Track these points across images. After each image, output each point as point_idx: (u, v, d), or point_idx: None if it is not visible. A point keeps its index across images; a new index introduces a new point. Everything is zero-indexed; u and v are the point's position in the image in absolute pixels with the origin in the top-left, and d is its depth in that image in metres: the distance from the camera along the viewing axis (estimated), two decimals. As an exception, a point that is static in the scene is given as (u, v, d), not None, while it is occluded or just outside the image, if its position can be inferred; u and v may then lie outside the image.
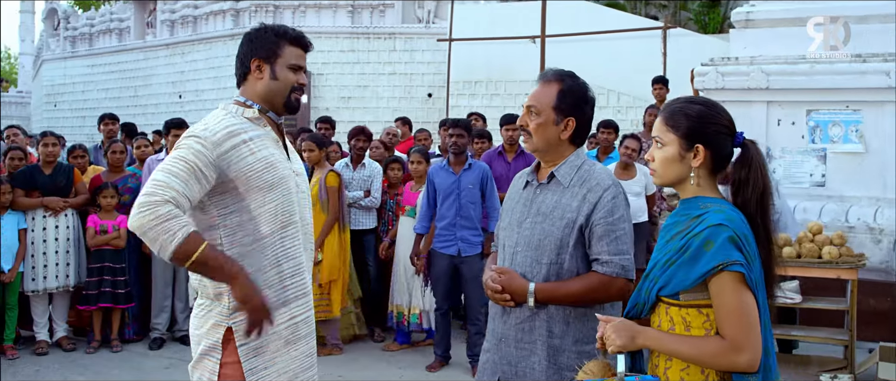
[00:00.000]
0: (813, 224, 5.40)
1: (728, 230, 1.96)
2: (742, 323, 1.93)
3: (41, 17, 25.25)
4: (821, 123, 7.17)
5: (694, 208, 2.09)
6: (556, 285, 2.45)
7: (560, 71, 2.59)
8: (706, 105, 2.13)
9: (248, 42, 2.54)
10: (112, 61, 19.91)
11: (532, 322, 2.50)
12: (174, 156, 2.31)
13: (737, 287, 1.94)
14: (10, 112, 27.77)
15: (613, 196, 2.46)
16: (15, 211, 6.11)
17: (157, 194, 2.21)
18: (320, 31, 15.99)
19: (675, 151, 2.12)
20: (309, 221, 2.60)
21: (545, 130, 2.52)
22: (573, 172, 2.53)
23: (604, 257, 2.44)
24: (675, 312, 2.06)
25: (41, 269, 6.16)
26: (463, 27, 13.60)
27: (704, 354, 1.97)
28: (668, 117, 2.14)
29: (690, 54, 8.87)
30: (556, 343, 2.47)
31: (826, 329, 5.56)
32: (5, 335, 6.08)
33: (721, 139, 2.09)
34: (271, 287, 2.40)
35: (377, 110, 15.46)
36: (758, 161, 2.07)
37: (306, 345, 2.51)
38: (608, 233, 2.43)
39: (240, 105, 2.50)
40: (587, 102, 2.56)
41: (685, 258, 2.00)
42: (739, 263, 1.93)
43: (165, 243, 2.18)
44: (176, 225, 2.18)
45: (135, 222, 2.20)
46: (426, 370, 5.85)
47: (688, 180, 2.12)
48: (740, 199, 2.08)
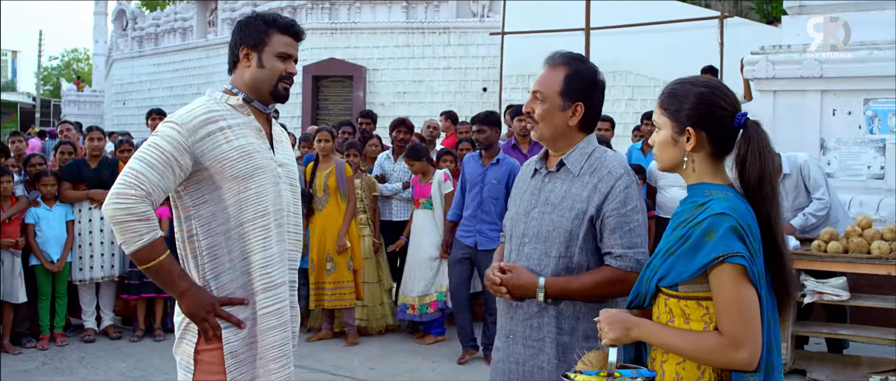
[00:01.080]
0: (862, 218, 5.13)
1: (730, 220, 1.84)
2: (741, 318, 1.81)
3: (111, 18, 26.11)
4: (879, 112, 6.83)
5: (699, 195, 1.98)
6: (568, 279, 2.33)
7: (567, 54, 2.46)
8: (704, 85, 1.99)
9: (238, 30, 2.51)
10: (176, 59, 20.44)
11: (541, 318, 2.38)
12: (150, 142, 2.32)
13: (737, 280, 1.82)
14: (86, 110, 28.82)
15: (626, 185, 2.33)
16: (63, 203, 6.31)
17: (134, 186, 2.23)
18: (375, 26, 16.08)
19: (668, 134, 2.01)
20: (293, 212, 2.55)
21: (552, 117, 2.39)
22: (583, 160, 2.40)
23: (617, 250, 2.31)
24: (675, 304, 1.95)
25: (87, 259, 6.35)
26: (516, 20, 13.44)
27: (701, 349, 1.86)
28: (663, 99, 2.04)
29: (750, 45, 8.54)
30: (566, 340, 2.36)
31: (877, 329, 5.29)
32: (55, 323, 6.29)
33: (718, 121, 1.96)
34: (239, 278, 2.39)
35: (432, 105, 15.43)
36: (758, 143, 1.93)
37: (281, 335, 2.46)
38: (621, 225, 2.31)
39: (226, 92, 2.49)
40: (596, 86, 2.43)
41: (685, 248, 1.89)
42: (741, 255, 1.81)
43: (129, 241, 2.24)
44: (145, 227, 2.23)
45: (108, 210, 2.24)
46: (458, 363, 5.85)
47: (683, 165, 2.01)
48: (742, 184, 1.96)
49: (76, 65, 53.68)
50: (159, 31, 21.35)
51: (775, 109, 7.21)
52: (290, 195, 2.53)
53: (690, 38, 11.66)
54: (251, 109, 2.49)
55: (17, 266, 5.98)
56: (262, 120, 2.51)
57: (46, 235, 6.16)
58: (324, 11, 16.42)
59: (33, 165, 6.45)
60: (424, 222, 6.32)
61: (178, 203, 2.40)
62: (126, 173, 2.26)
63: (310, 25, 16.31)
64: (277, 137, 2.57)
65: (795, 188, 5.65)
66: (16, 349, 6.00)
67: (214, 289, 2.38)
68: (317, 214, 6.35)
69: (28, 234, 6.09)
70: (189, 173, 2.33)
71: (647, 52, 11.62)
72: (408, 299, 6.32)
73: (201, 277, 2.38)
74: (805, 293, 5.16)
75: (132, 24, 22.62)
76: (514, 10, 13.71)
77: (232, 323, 2.35)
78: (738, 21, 12.12)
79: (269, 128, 2.54)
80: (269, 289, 2.43)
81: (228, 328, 2.36)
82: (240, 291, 2.39)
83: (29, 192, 6.30)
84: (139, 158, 2.28)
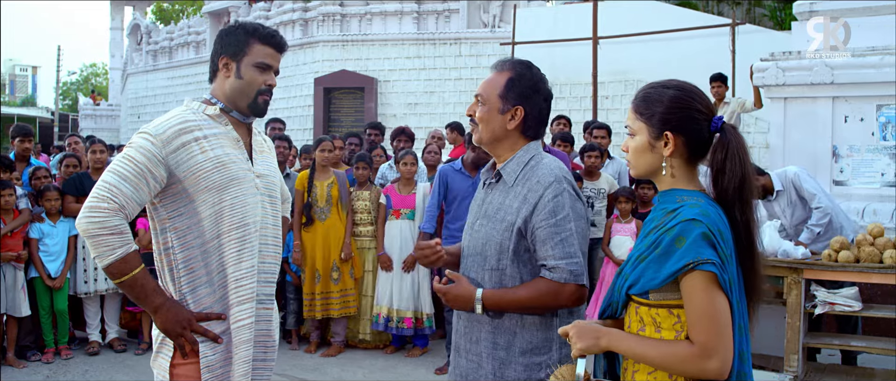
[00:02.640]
0: (873, 226, 5.01)
1: (701, 226, 1.78)
2: (712, 327, 1.76)
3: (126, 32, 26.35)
4: (892, 118, 6.70)
5: (671, 201, 1.92)
6: (503, 292, 2.27)
7: (515, 60, 2.42)
8: (678, 88, 1.94)
9: (219, 39, 2.47)
10: (190, 73, 20.60)
11: (479, 332, 2.34)
12: (124, 155, 2.28)
13: (708, 288, 1.77)
14: (102, 124, 29.13)
15: (555, 194, 2.24)
16: (67, 218, 6.30)
17: (108, 199, 2.20)
18: (386, 38, 16.11)
19: (644, 139, 1.95)
20: (272, 223, 2.49)
21: (491, 120, 2.34)
22: (519, 170, 2.33)
23: (550, 262, 2.23)
24: (646, 312, 1.90)
25: (92, 271, 6.33)
26: (526, 30, 13.41)
27: (672, 358, 1.80)
28: (637, 104, 1.97)
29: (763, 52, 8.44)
30: (502, 355, 2.30)
31: (891, 340, 5.16)
32: (58, 337, 6.27)
33: (695, 125, 1.91)
34: (217, 292, 2.35)
35: (443, 116, 15.40)
36: (736, 147, 1.87)
37: (246, 352, 2.39)
38: (552, 235, 2.22)
39: (205, 102, 2.44)
40: (539, 93, 2.36)
41: (655, 255, 1.84)
42: (711, 261, 1.76)
43: (103, 255, 2.21)
44: (118, 242, 2.20)
45: (82, 224, 2.21)
46: (435, 373, 5.86)
47: (661, 171, 1.95)
48: (718, 190, 1.89)
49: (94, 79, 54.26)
50: (173, 44, 21.55)
51: (786, 117, 7.10)
52: (269, 207, 2.47)
53: (702, 46, 11.57)
54: (230, 119, 2.44)
55: (19, 280, 5.96)
56: (241, 130, 2.46)
57: (50, 250, 6.15)
58: (335, 23, 16.48)
59: (39, 179, 6.46)
60: (407, 233, 6.27)
61: (154, 215, 2.36)
62: (99, 187, 2.22)
63: (321, 38, 16.37)
64: (258, 147, 2.52)
65: (791, 204, 5.57)
66: (21, 362, 5.99)
67: (191, 303, 2.33)
68: (318, 224, 6.31)
69: (31, 247, 6.09)
70: (164, 185, 2.29)
71: (658, 61, 11.51)
72: (380, 308, 6.30)
73: (177, 290, 2.34)
74: (816, 304, 5.05)
75: (146, 39, 22.85)
76: (525, 20, 13.68)
77: (209, 338, 2.30)
78: (751, 28, 12.01)
79: (249, 138, 2.49)
80: (244, 302, 2.38)
81: (205, 342, 2.32)
82: (217, 304, 2.35)
83: (34, 206, 6.30)
84: (112, 171, 2.25)
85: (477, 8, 16.02)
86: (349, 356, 6.33)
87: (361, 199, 6.46)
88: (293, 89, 16.75)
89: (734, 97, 8.59)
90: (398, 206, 6.30)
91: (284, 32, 17.44)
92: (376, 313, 6.33)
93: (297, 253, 6.30)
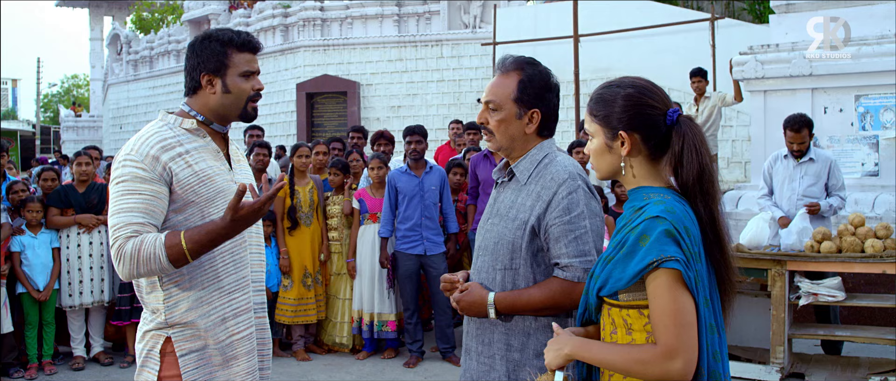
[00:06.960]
0: (854, 216, 5.04)
1: (665, 223, 1.76)
2: (675, 327, 1.72)
3: (106, 42, 26.15)
4: (871, 108, 6.76)
5: (638, 199, 1.91)
6: (517, 293, 2.22)
7: (520, 59, 2.33)
8: (631, 86, 1.93)
9: (194, 54, 2.38)
10: (171, 82, 20.45)
11: (491, 335, 2.29)
12: (119, 191, 2.23)
13: (672, 286, 1.73)
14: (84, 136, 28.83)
15: (569, 191, 2.19)
16: (49, 230, 6.24)
17: (119, 239, 2.18)
18: (368, 41, 16.06)
19: (601, 141, 1.94)
20: (255, 232, 2.48)
21: (508, 126, 2.29)
22: (532, 168, 2.28)
23: (564, 260, 2.18)
24: (617, 314, 1.87)
25: (77, 285, 6.28)
26: (507, 30, 13.42)
27: (633, 362, 1.75)
28: (592, 106, 1.96)
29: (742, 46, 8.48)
30: (516, 357, 2.25)
31: (875, 328, 5.19)
32: (43, 351, 6.20)
33: (649, 121, 1.89)
34: (211, 304, 2.31)
35: (427, 118, 15.39)
36: (692, 139, 1.85)
37: (247, 363, 2.37)
38: (566, 233, 2.17)
39: (182, 115, 2.39)
40: (551, 91, 2.32)
41: (621, 255, 1.82)
42: (675, 259, 1.73)
43: (156, 268, 2.18)
44: (149, 247, 2.16)
45: (122, 273, 2.20)
46: (404, 366, 6.01)
47: (621, 171, 1.94)
48: (679, 183, 1.88)
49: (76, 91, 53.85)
50: (154, 54, 21.39)
51: (766, 110, 7.14)
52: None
53: (683, 41, 11.62)
54: (208, 130, 2.40)
55: (1, 296, 5.90)
56: (218, 140, 2.44)
57: (32, 263, 6.08)
58: (315, 28, 16.41)
59: (16, 193, 6.38)
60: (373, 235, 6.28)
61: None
62: (110, 232, 2.21)
63: (302, 43, 16.31)
64: (234, 156, 2.50)
65: (816, 176, 5.61)
66: (3, 380, 5.91)
67: (176, 317, 2.30)
68: (303, 229, 6.32)
69: (14, 261, 6.02)
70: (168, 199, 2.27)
71: (640, 57, 11.56)
72: (361, 314, 6.30)
73: (165, 299, 2.30)
74: (800, 296, 5.07)
75: (126, 48, 22.66)
76: (506, 20, 13.71)
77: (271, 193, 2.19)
78: (730, 22, 12.06)
79: (227, 148, 2.47)
80: (241, 313, 2.37)
81: (189, 354, 2.29)
82: (212, 317, 2.31)
83: (13, 219, 6.23)
84: (115, 213, 2.22)
85: (457, 9, 16.00)
86: (328, 360, 6.32)
87: (336, 204, 6.57)
88: (275, 95, 16.67)
89: (715, 91, 8.63)
90: (374, 209, 6.32)
91: (265, 38, 17.37)
92: (359, 318, 6.32)
93: (285, 260, 6.28)
